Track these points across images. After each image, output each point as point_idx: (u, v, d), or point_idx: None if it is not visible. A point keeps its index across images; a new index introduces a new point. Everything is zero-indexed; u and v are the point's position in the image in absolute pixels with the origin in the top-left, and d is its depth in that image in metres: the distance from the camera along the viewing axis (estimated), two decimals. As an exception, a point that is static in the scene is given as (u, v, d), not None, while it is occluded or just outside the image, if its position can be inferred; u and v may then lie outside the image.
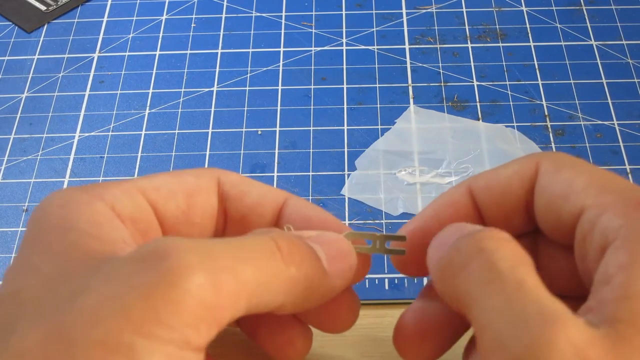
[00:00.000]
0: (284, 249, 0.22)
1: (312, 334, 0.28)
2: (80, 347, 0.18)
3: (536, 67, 0.47)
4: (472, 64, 0.47)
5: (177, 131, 0.44)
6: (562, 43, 0.48)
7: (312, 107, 0.45)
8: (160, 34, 0.50)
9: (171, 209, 0.25)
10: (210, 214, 0.26)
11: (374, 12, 0.50)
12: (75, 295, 0.19)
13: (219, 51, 0.49)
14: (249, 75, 0.47)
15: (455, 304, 0.22)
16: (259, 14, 0.51)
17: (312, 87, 0.46)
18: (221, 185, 0.26)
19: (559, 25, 0.49)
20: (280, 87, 0.46)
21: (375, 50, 0.48)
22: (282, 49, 0.48)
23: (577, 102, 0.45)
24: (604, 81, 0.45)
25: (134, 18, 0.51)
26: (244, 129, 0.44)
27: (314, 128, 0.44)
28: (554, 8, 0.50)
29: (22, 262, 0.22)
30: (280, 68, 0.47)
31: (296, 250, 0.23)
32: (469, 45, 0.48)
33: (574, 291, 0.24)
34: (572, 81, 0.46)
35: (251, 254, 0.21)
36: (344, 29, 0.49)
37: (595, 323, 0.19)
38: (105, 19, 0.51)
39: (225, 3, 0.52)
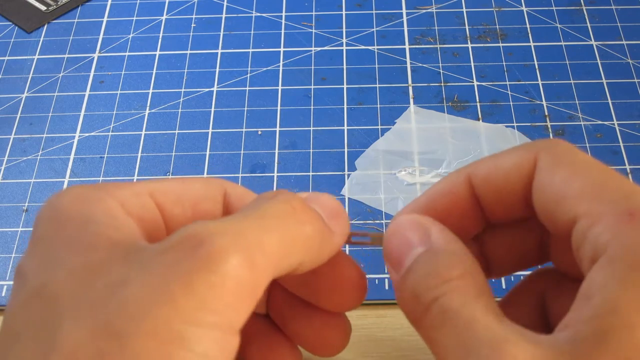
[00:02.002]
0: (298, 209, 0.23)
1: (302, 355, 0.29)
2: (132, 340, 0.18)
3: (536, 67, 0.47)
4: (472, 64, 0.47)
5: (177, 131, 0.44)
6: (562, 43, 0.48)
7: (312, 107, 0.45)
8: (160, 34, 0.50)
9: (177, 214, 0.25)
10: None
11: (374, 12, 0.50)
12: (114, 288, 0.19)
13: (219, 51, 0.49)
14: (249, 75, 0.47)
15: (422, 338, 0.23)
16: (259, 14, 0.51)
17: (312, 87, 0.46)
18: (227, 197, 0.27)
19: (559, 25, 0.49)
20: (280, 87, 0.46)
21: (375, 50, 0.48)
22: (282, 49, 0.48)
23: (577, 102, 0.45)
24: (604, 81, 0.45)
25: (134, 18, 0.51)
26: (244, 129, 0.44)
27: (314, 128, 0.44)
28: (554, 8, 0.50)
29: (44, 256, 0.21)
30: (280, 68, 0.47)
31: (308, 208, 0.24)
32: (469, 45, 0.48)
33: None
34: (572, 81, 0.46)
35: (273, 221, 0.22)
36: (344, 29, 0.49)
37: (558, 341, 0.20)
38: (105, 19, 0.51)
39: (225, 3, 0.52)
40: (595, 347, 0.19)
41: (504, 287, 0.36)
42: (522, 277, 0.28)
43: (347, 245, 0.28)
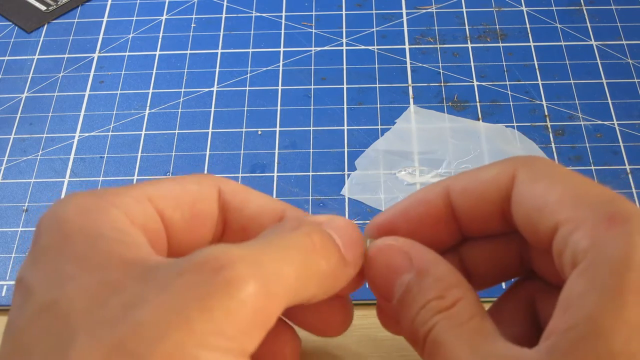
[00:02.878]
0: (318, 244, 0.23)
1: (301, 341, 0.28)
2: None
3: (536, 67, 0.47)
4: (472, 64, 0.47)
5: (177, 131, 0.44)
6: (562, 43, 0.48)
7: (312, 107, 0.45)
8: (160, 34, 0.50)
9: (177, 218, 0.25)
10: (211, 223, 0.26)
11: (374, 12, 0.50)
12: (130, 308, 0.19)
13: (219, 51, 0.49)
14: (249, 75, 0.47)
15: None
16: (259, 14, 0.51)
17: (312, 87, 0.46)
18: (222, 195, 0.27)
19: (559, 25, 0.49)
20: (280, 87, 0.46)
21: (375, 50, 0.48)
22: (282, 49, 0.48)
23: (577, 102, 0.45)
24: (604, 81, 0.45)
25: (134, 18, 0.51)
26: (244, 129, 0.44)
27: (314, 128, 0.44)
28: (554, 8, 0.50)
29: (51, 270, 0.21)
30: (280, 68, 0.47)
31: (327, 244, 0.24)
32: (469, 45, 0.48)
33: None
34: (572, 81, 0.46)
35: (292, 253, 0.22)
36: (344, 29, 0.49)
37: (542, 351, 0.20)
38: (105, 19, 0.51)
39: (225, 3, 0.52)
40: (570, 357, 0.19)
41: (503, 286, 0.36)
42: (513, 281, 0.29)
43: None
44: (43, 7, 0.52)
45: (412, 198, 0.27)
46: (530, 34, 0.48)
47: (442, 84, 0.46)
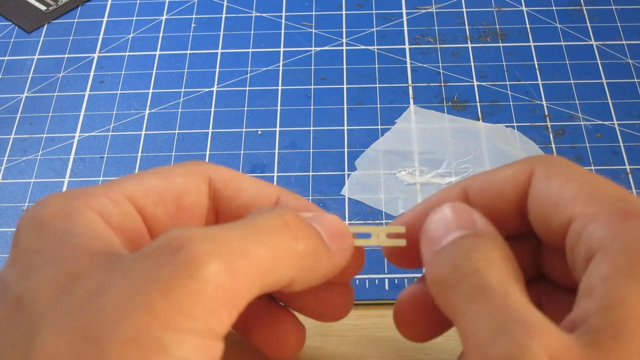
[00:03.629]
0: (292, 224, 0.23)
1: (305, 329, 0.28)
2: (111, 346, 0.18)
3: (536, 67, 0.47)
4: (472, 64, 0.47)
5: (177, 131, 0.44)
6: (562, 43, 0.48)
7: (312, 107, 0.45)
8: (160, 34, 0.50)
9: (160, 214, 0.25)
10: (200, 214, 0.26)
11: (374, 12, 0.50)
12: (93, 294, 0.19)
13: (219, 51, 0.49)
14: (249, 75, 0.47)
15: (446, 313, 0.23)
16: (259, 14, 0.51)
17: (312, 87, 0.46)
18: (212, 184, 0.26)
19: (559, 25, 0.49)
20: (280, 87, 0.46)
21: (375, 50, 0.48)
22: (282, 49, 0.48)
23: (577, 102, 0.45)
24: (604, 81, 0.45)
25: (134, 18, 0.51)
26: (244, 129, 0.44)
27: (314, 128, 0.44)
28: (554, 8, 0.50)
29: (23, 267, 0.21)
30: (280, 68, 0.47)
31: (303, 225, 0.23)
32: (469, 45, 0.48)
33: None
34: (572, 81, 0.46)
35: (262, 233, 0.22)
36: (344, 29, 0.49)
37: (576, 334, 0.20)
38: (105, 19, 0.51)
39: (225, 3, 0.52)
40: (611, 337, 0.19)
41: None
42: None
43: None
44: (43, 7, 0.52)
45: (430, 199, 0.27)
46: (530, 34, 0.48)
47: (442, 84, 0.46)
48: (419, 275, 0.34)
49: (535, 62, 0.47)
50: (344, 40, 0.49)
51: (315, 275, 0.24)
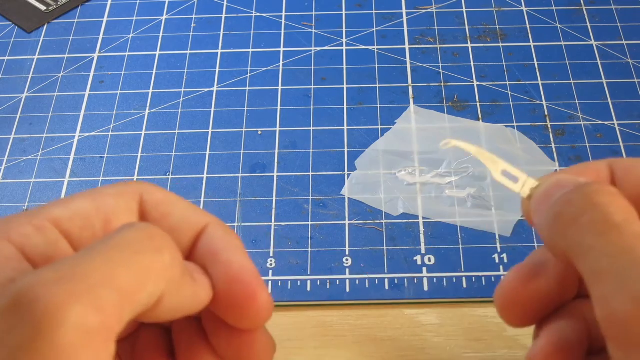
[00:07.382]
0: (155, 235, 0.21)
1: (275, 346, 0.26)
2: None
3: (536, 67, 0.47)
4: (472, 64, 0.47)
5: (177, 131, 0.44)
6: (562, 43, 0.48)
7: (312, 107, 0.45)
8: (160, 34, 0.50)
9: (87, 237, 0.23)
10: None
11: (374, 12, 0.50)
12: None
13: (219, 51, 0.49)
14: (249, 75, 0.47)
15: (564, 255, 0.22)
16: (259, 14, 0.51)
17: (312, 87, 0.46)
18: (143, 205, 0.25)
19: (559, 25, 0.49)
20: (280, 87, 0.46)
21: (375, 50, 0.48)
22: (282, 49, 0.48)
23: (577, 102, 0.45)
24: (604, 81, 0.45)
25: (134, 18, 0.51)
26: (244, 129, 0.44)
27: (314, 128, 0.44)
28: (554, 8, 0.50)
29: None
30: (280, 68, 0.47)
31: (166, 236, 0.22)
32: (469, 45, 0.48)
33: None
34: (572, 81, 0.46)
35: (125, 252, 0.20)
36: (344, 29, 0.49)
37: None
38: (105, 19, 0.51)
39: (225, 3, 0.52)
40: None
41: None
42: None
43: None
44: (43, 7, 0.52)
45: (581, 166, 0.26)
46: (530, 34, 0.48)
47: (442, 84, 0.46)
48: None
49: (535, 62, 0.47)
50: (344, 40, 0.49)
51: (185, 292, 0.22)
